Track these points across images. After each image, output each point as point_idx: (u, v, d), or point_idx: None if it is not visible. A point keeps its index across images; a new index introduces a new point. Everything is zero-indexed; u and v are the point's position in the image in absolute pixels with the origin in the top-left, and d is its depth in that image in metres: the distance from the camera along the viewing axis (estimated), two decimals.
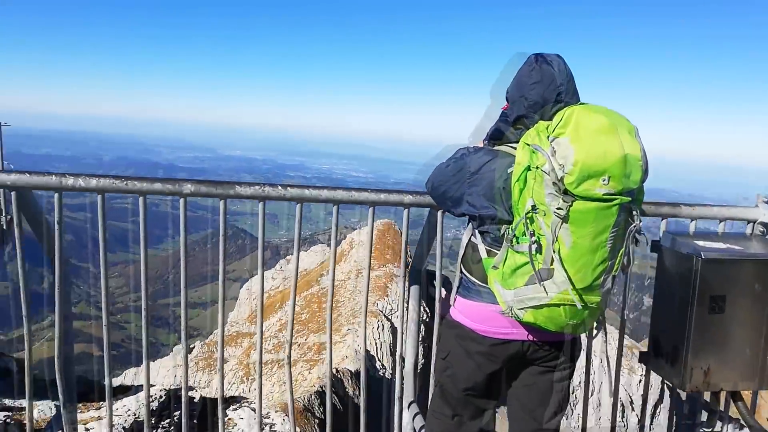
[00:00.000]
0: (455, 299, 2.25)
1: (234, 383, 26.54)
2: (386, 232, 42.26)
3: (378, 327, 28.43)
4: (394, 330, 29.06)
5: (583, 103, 1.90)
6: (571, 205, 1.73)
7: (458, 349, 2.20)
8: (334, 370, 24.20)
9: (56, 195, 2.08)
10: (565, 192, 1.73)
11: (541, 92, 1.97)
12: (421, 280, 2.68)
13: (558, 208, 1.74)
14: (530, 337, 2.09)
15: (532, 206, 1.80)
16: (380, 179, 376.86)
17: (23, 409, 5.58)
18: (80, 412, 5.78)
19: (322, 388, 23.39)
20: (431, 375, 2.58)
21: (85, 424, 5.46)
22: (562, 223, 1.76)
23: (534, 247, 1.82)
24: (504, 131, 2.11)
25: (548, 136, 1.80)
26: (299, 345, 27.81)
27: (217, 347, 2.26)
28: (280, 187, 2.24)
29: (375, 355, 27.45)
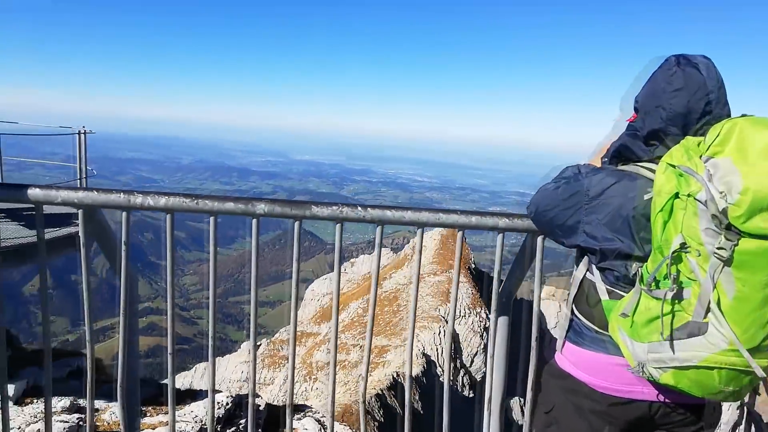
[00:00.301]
0: (564, 344, 1.88)
1: (297, 381, 27.00)
2: (450, 237, 41.83)
3: (439, 332, 28.08)
4: (455, 336, 28.54)
5: (745, 115, 1.48)
6: (736, 244, 1.31)
7: (566, 405, 1.83)
8: (394, 374, 23.96)
9: (123, 214, 1.92)
10: (729, 227, 1.32)
11: (686, 101, 1.56)
12: (510, 311, 2.33)
13: (719, 248, 1.33)
14: (662, 398, 1.69)
15: (681, 244, 1.39)
16: (445, 184, 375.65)
17: (97, 410, 5.71)
18: (149, 416, 5.84)
19: (382, 391, 23.18)
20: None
21: (153, 429, 5.49)
22: (723, 267, 1.34)
23: (679, 293, 1.44)
24: (632, 148, 1.72)
25: (701, 156, 1.40)
26: (360, 347, 27.92)
27: (288, 354, 2.01)
28: (359, 208, 1.98)
29: (435, 360, 27.09)
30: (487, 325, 30.58)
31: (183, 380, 42.81)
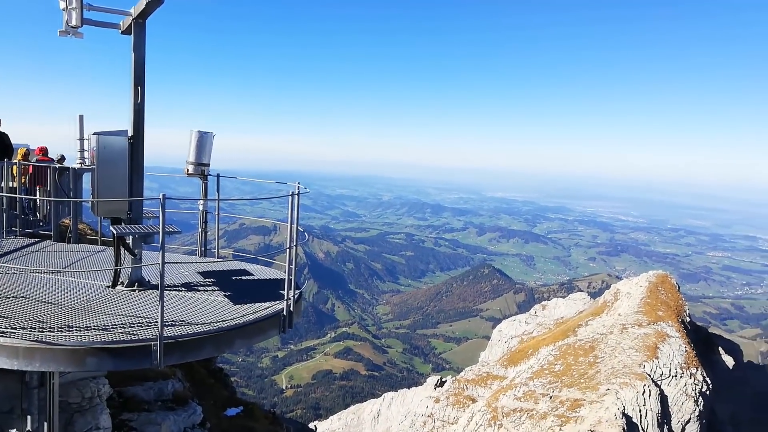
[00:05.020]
0: None
1: (481, 425, 26.31)
2: (660, 285, 37.23)
3: (643, 392, 24.82)
4: (663, 398, 24.93)
5: None
6: None
7: None
8: None
9: None
10: None
11: None
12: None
13: None
14: None
15: None
16: (654, 224, 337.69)
17: None
18: None
19: None
20: None
21: None
22: None
23: None
24: None
25: None
26: (551, 398, 26.11)
27: None
28: None
29: (638, 424, 23.93)
30: (703, 389, 26.21)
31: (372, 407, 44.90)
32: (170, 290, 7.45)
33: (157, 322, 5.57)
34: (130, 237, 7.16)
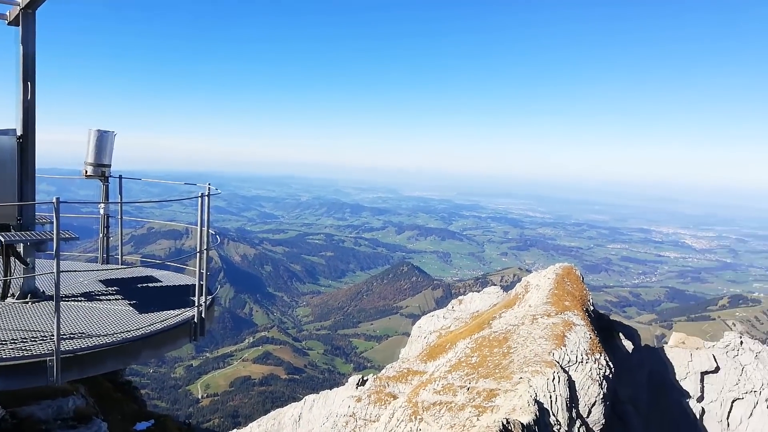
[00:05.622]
0: None
1: (402, 421, 26.64)
2: (566, 277, 39.52)
3: (553, 379, 26.23)
4: (571, 383, 26.53)
5: None
6: None
7: None
8: (503, 420, 22.81)
9: None
10: None
11: None
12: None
13: None
14: None
15: None
16: (559, 219, 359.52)
17: None
18: None
19: None
20: None
21: None
22: None
23: None
24: None
25: None
26: (468, 389, 26.97)
27: None
28: None
29: (548, 409, 25.28)
30: (606, 373, 28.17)
31: (293, 411, 44.09)
32: (67, 301, 6.95)
33: (52, 335, 5.19)
34: (21, 245, 6.63)
